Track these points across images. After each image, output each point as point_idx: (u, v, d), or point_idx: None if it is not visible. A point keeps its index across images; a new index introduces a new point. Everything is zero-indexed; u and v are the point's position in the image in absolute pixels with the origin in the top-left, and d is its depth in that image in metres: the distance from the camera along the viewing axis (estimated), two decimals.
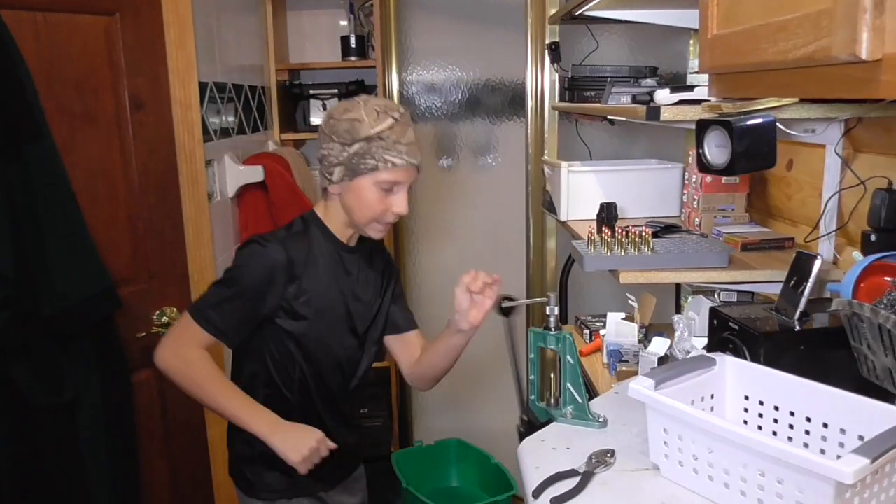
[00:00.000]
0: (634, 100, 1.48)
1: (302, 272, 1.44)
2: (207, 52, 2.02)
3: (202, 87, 1.99)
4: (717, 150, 1.20)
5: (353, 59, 2.93)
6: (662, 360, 1.69)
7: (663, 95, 1.32)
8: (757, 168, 1.17)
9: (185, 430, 1.99)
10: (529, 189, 2.52)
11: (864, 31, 0.74)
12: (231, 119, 2.29)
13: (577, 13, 1.87)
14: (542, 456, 1.23)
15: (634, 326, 1.85)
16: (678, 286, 2.32)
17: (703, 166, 1.22)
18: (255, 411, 1.39)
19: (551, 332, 1.35)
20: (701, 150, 1.22)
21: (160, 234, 1.88)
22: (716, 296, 1.82)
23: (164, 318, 1.88)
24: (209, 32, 2.07)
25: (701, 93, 1.31)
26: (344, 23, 3.05)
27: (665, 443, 1.14)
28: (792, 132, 1.35)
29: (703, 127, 1.21)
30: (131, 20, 1.79)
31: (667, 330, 2.06)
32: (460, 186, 2.76)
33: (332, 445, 1.40)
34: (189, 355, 1.41)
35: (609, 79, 1.84)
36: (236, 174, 2.23)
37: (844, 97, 0.85)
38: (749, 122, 1.14)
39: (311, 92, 2.87)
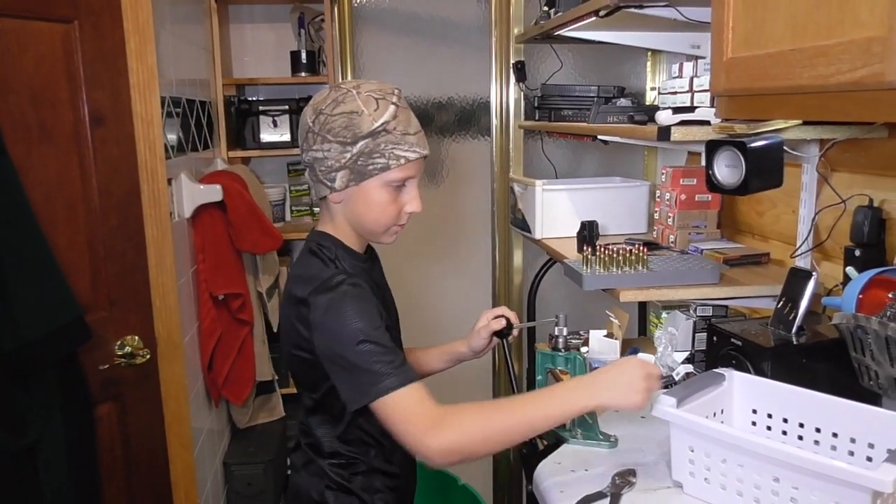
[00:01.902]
0: (632, 120, 1.50)
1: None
2: (163, 65, 1.91)
3: (160, 101, 1.88)
4: (727, 170, 1.23)
5: (303, 74, 2.85)
6: None
7: (665, 116, 1.34)
8: (766, 187, 1.20)
9: (147, 467, 1.86)
10: (495, 207, 2.52)
11: None
12: (185, 136, 2.18)
13: (555, 34, 1.88)
14: (563, 479, 1.22)
15: (616, 343, 1.87)
16: (643, 302, 2.37)
17: (714, 186, 1.25)
18: (566, 396, 1.14)
19: (560, 353, 1.34)
20: (711, 171, 1.24)
21: (121, 258, 1.75)
22: (691, 311, 1.86)
23: (127, 348, 1.75)
24: (164, 44, 1.96)
25: (702, 114, 1.33)
26: (289, 37, 2.97)
27: (690, 460, 1.15)
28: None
29: (712, 147, 1.24)
30: (91, 29, 1.67)
31: (638, 345, 2.10)
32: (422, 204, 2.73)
33: (650, 362, 1.21)
34: (447, 422, 1.10)
35: (595, 98, 1.86)
36: (193, 194, 2.11)
37: (894, 120, 0.88)
38: (761, 143, 1.18)
39: (262, 108, 2.77)
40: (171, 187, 1.93)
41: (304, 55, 2.83)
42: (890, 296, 1.18)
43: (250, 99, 2.84)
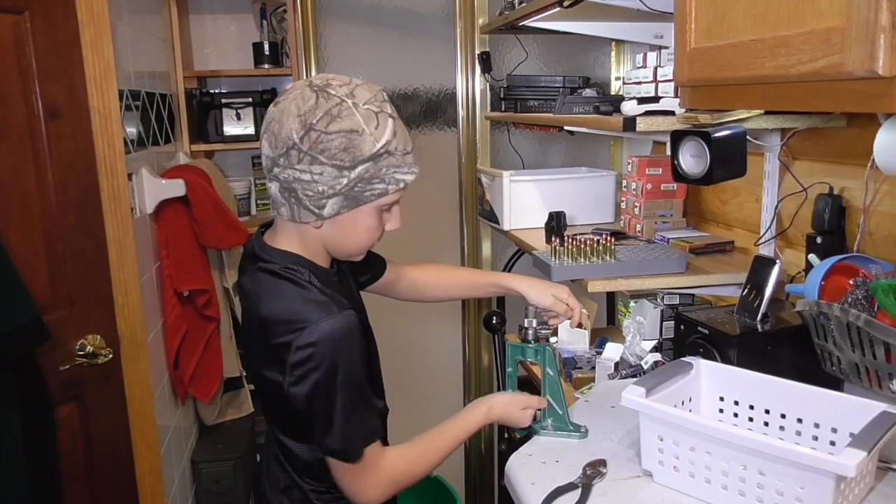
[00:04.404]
0: (598, 111, 1.50)
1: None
2: (120, 57, 1.86)
3: (118, 94, 1.83)
4: (692, 159, 1.23)
5: (266, 66, 2.81)
6: (618, 365, 1.73)
7: (630, 107, 1.35)
8: (730, 177, 1.21)
9: (111, 467, 1.82)
10: (463, 198, 2.52)
11: (881, 49, 0.77)
12: (145, 130, 2.13)
13: (519, 24, 1.88)
14: (534, 471, 1.22)
15: (585, 333, 1.88)
16: (611, 291, 2.39)
17: (679, 176, 1.25)
18: (466, 425, 1.30)
19: (530, 345, 1.34)
20: (676, 161, 1.25)
21: (81, 255, 1.71)
22: (659, 299, 1.88)
23: (88, 348, 1.71)
24: (121, 35, 1.91)
25: (666, 104, 1.34)
26: (251, 28, 2.92)
27: (660, 449, 1.16)
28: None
29: (677, 137, 1.24)
30: (43, 20, 1.61)
31: (607, 334, 2.11)
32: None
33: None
34: (387, 474, 1.20)
35: (560, 89, 1.86)
36: (155, 189, 2.07)
37: (852, 110, 0.89)
38: (725, 133, 1.18)
39: (224, 101, 2.72)
40: (131, 182, 1.88)
41: (266, 46, 2.79)
42: (851, 282, 1.20)
43: (212, 91, 2.78)
